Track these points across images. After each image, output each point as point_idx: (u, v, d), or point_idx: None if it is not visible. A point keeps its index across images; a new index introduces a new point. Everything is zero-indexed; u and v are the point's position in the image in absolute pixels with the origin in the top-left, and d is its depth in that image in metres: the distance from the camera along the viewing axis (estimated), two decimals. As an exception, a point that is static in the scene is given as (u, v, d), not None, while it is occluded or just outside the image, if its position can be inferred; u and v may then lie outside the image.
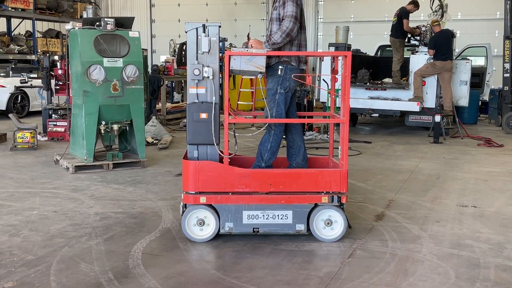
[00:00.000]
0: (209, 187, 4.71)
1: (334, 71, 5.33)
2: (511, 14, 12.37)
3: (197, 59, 4.66)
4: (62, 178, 7.32)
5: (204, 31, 4.62)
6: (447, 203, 6.19)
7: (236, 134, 5.09)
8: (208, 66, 4.64)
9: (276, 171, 4.96)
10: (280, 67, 4.91)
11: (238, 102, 14.51)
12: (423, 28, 11.91)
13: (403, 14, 12.02)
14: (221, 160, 4.81)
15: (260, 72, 4.79)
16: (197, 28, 4.64)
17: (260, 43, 4.92)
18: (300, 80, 5.05)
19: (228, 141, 4.73)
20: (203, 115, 4.69)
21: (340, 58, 5.25)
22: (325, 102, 11.99)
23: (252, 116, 7.27)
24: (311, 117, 9.90)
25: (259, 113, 6.77)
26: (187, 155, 4.84)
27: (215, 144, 4.74)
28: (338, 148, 4.97)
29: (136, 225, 5.24)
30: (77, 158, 7.97)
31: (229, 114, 4.72)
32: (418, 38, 11.97)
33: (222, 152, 4.77)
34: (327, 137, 11.00)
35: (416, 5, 12.29)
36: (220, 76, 5.10)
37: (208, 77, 4.66)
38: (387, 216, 5.65)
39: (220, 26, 4.73)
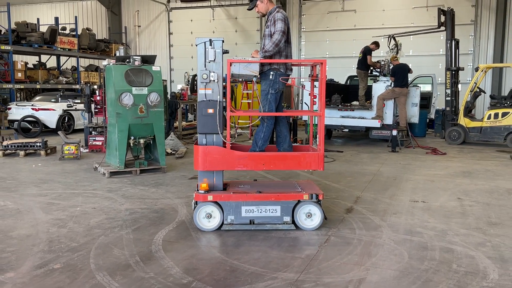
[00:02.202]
0: (215, 166, 4.75)
1: (313, 76, 5.31)
2: (450, 51, 12.50)
3: (205, 67, 4.65)
4: (99, 181, 7.35)
5: (210, 44, 4.64)
6: (402, 199, 6.22)
7: (238, 131, 5.12)
8: (214, 72, 4.64)
9: (267, 153, 4.96)
10: (271, 72, 4.94)
11: (239, 121, 14.56)
12: (382, 62, 11.99)
13: (367, 51, 12.12)
14: (224, 146, 4.79)
15: (255, 76, 4.82)
16: (205, 42, 4.64)
17: (257, 52, 4.96)
18: (287, 83, 5.04)
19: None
20: (210, 110, 4.67)
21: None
22: (307, 121, 12.03)
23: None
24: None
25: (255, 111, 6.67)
26: (197, 142, 4.83)
27: (220, 133, 4.72)
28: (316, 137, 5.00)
29: (157, 218, 5.26)
30: (112, 165, 7.99)
31: (231, 110, 4.81)
32: (378, 70, 12.05)
33: (225, 139, 4.76)
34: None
35: (377, 45, 12.43)
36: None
37: (214, 80, 4.65)
38: (355, 209, 5.68)
39: (223, 41, 4.73)
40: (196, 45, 4.70)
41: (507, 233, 4.77)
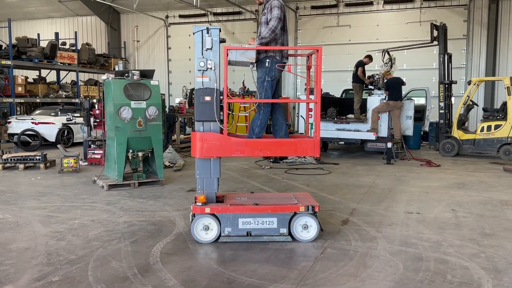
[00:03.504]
0: (212, 153, 4.70)
1: (308, 67, 5.29)
2: (443, 65, 12.64)
3: (202, 55, 4.62)
4: (98, 194, 7.32)
5: (208, 33, 4.61)
6: (397, 211, 6.22)
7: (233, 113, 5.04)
8: (211, 60, 4.61)
9: (264, 140, 4.95)
10: (267, 60, 4.91)
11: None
12: (376, 76, 12.08)
13: (359, 64, 12.27)
14: (221, 133, 4.76)
15: (251, 63, 4.80)
16: (202, 30, 4.61)
17: (254, 40, 4.90)
18: (282, 69, 4.98)
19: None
20: (207, 98, 4.62)
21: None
22: (303, 133, 12.07)
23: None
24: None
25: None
26: (195, 129, 4.79)
27: (217, 120, 4.67)
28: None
29: (155, 230, 5.23)
30: (110, 178, 7.97)
31: (228, 96, 4.74)
32: (373, 83, 12.13)
33: (222, 125, 4.72)
34: (305, 160, 11.06)
35: (370, 58, 12.56)
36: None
37: (211, 68, 4.62)
38: (350, 221, 5.67)
39: (220, 30, 4.71)
40: (194, 33, 4.66)
41: (500, 244, 4.78)
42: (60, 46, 18.22)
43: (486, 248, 4.65)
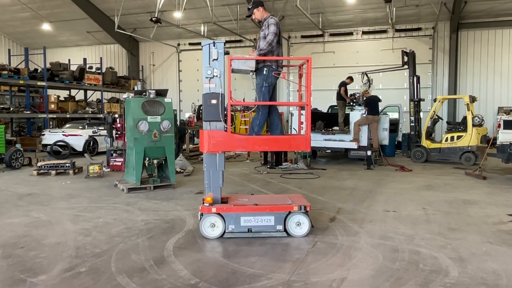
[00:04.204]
0: (218, 148, 4.66)
1: (300, 75, 5.27)
2: (413, 86, 12.70)
3: (209, 64, 4.61)
4: (119, 196, 7.27)
5: (214, 46, 4.61)
6: (376, 209, 6.20)
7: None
8: (216, 69, 4.61)
9: (263, 136, 4.90)
10: (265, 68, 4.92)
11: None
12: (357, 95, 12.11)
13: (341, 84, 12.30)
14: (225, 131, 4.71)
15: (251, 71, 4.79)
16: (209, 44, 4.63)
17: (253, 52, 4.91)
18: (278, 76, 4.97)
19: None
20: (213, 101, 4.60)
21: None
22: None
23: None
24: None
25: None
26: (203, 128, 4.75)
27: (222, 120, 4.64)
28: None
29: (168, 227, 5.19)
30: (129, 182, 7.92)
31: (230, 99, 4.71)
32: (354, 101, 12.15)
33: (226, 125, 4.69)
34: (297, 166, 11.04)
35: (351, 79, 12.59)
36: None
37: (217, 76, 4.61)
38: (337, 218, 5.64)
39: (224, 43, 4.70)
40: (202, 47, 4.65)
41: (464, 237, 4.76)
42: (87, 69, 18.24)
43: (452, 240, 4.63)
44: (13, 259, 4.05)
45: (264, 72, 4.92)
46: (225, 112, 4.70)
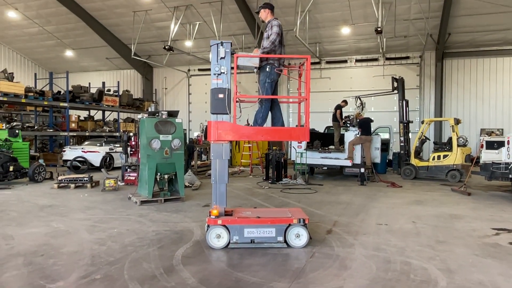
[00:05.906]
0: (224, 137, 4.60)
1: (299, 75, 5.24)
2: (402, 109, 12.77)
3: (217, 62, 4.59)
4: (132, 208, 7.25)
5: (222, 45, 4.60)
6: (370, 223, 6.15)
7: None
8: (223, 66, 4.59)
9: (265, 127, 4.85)
10: (268, 66, 4.92)
11: (242, 161, 14.57)
12: (351, 117, 12.18)
13: (337, 107, 12.38)
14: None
15: (256, 67, 4.78)
16: (217, 44, 4.62)
17: (257, 50, 4.92)
18: (280, 73, 4.93)
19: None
20: (221, 95, 4.57)
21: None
22: (295, 160, 12.08)
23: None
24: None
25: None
26: (211, 120, 4.70)
27: (228, 112, 4.60)
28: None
29: (177, 238, 5.17)
30: (142, 196, 7.90)
31: (235, 93, 4.70)
32: (348, 122, 12.20)
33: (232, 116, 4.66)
34: (296, 182, 11.00)
35: (346, 103, 12.70)
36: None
37: (224, 72, 4.59)
38: (333, 231, 5.59)
39: (231, 44, 4.69)
40: (211, 46, 4.65)
41: (452, 249, 4.71)
42: (105, 92, 18.46)
43: (440, 252, 4.58)
44: (33, 266, 4.03)
45: (267, 69, 4.93)
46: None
